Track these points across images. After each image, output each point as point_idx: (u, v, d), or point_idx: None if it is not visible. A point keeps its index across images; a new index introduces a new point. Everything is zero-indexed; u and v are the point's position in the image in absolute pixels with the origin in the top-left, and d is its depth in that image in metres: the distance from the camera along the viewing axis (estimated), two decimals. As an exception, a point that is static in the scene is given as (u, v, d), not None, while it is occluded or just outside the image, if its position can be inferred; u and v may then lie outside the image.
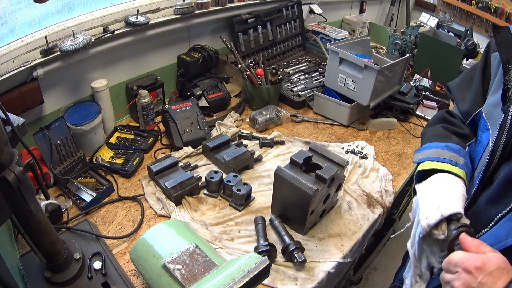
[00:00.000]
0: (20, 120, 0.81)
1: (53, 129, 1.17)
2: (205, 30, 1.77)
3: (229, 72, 1.79)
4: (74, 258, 0.90)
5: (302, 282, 0.95)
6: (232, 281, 0.68)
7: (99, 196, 1.16)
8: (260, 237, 1.02)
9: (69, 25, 1.28)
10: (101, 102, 1.39)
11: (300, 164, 1.03)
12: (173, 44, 1.67)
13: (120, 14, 1.41)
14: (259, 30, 1.87)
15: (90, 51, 1.33)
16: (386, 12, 2.88)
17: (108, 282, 0.89)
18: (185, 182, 1.16)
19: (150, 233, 0.88)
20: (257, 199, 1.19)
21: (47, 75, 1.25)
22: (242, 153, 1.29)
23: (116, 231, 1.08)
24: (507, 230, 0.69)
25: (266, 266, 0.72)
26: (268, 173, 1.29)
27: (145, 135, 1.45)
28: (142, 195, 1.19)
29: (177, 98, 1.66)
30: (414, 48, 1.99)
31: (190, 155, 1.35)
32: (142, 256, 0.85)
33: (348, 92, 1.56)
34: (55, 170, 1.16)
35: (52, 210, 1.03)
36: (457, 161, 0.85)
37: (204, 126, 1.42)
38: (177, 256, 0.80)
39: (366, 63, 1.44)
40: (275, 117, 1.55)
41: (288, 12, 1.99)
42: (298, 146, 1.44)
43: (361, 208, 1.18)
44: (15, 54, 1.16)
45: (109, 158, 1.33)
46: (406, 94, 1.64)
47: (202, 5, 1.60)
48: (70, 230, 1.02)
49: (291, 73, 1.90)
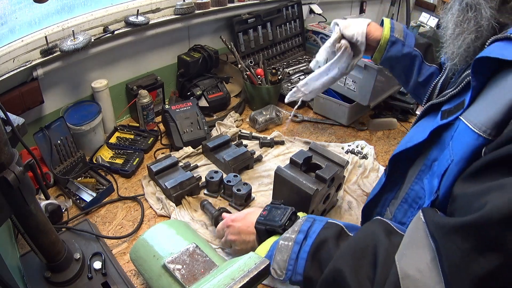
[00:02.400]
0: (20, 120, 0.81)
1: (53, 129, 1.17)
2: (205, 30, 1.77)
3: (229, 72, 1.79)
4: (74, 258, 0.90)
5: (302, 282, 0.95)
6: (232, 281, 0.68)
7: (99, 196, 1.16)
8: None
9: (69, 25, 1.28)
10: (101, 102, 1.39)
11: (300, 164, 1.03)
12: (173, 44, 1.67)
13: (120, 14, 1.42)
14: (259, 30, 1.87)
15: (90, 51, 1.33)
16: (386, 12, 2.88)
17: (108, 282, 0.89)
18: (185, 182, 1.16)
19: (150, 233, 0.88)
20: (257, 199, 1.19)
21: (47, 75, 1.25)
22: (242, 153, 1.29)
23: (116, 231, 1.08)
24: (411, 135, 0.81)
25: (266, 266, 0.72)
26: (268, 173, 1.29)
27: (145, 135, 1.45)
28: (142, 195, 1.19)
29: (177, 98, 1.66)
30: (414, 48, 1.99)
31: (190, 155, 1.35)
32: (142, 256, 0.85)
33: (348, 92, 1.56)
34: (55, 170, 1.16)
35: (52, 210, 1.03)
36: (396, 30, 1.09)
37: (204, 126, 1.42)
38: (177, 256, 0.80)
39: (366, 63, 1.44)
40: (275, 117, 1.55)
41: (288, 12, 1.99)
42: (298, 146, 1.44)
43: (361, 207, 1.18)
44: (15, 54, 1.16)
45: (109, 158, 1.33)
46: (406, 94, 1.64)
47: (202, 5, 1.60)
48: (70, 230, 1.02)
49: (291, 73, 1.90)
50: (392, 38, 1.07)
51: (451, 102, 0.72)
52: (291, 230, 0.77)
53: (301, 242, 0.73)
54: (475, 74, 0.62)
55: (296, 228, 0.76)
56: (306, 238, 0.73)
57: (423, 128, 0.76)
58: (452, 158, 0.62)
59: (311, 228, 0.74)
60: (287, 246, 0.74)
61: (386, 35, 1.07)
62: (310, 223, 0.75)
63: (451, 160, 0.62)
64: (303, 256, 0.71)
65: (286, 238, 0.75)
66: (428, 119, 0.80)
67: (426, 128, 0.74)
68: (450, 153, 0.64)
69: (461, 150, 0.60)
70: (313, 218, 0.77)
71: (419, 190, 0.76)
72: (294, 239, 0.74)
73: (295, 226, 0.77)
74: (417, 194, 0.77)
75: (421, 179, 0.75)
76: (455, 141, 0.64)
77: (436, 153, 0.71)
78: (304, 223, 0.76)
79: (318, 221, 0.76)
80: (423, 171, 0.75)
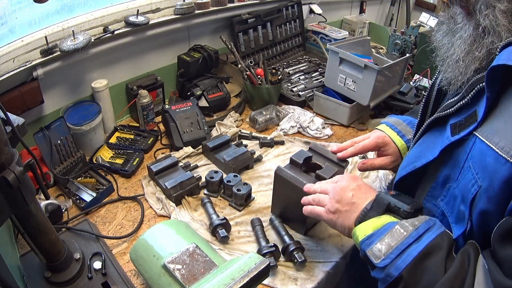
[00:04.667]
0: (20, 120, 0.81)
1: (53, 129, 1.17)
2: (205, 30, 1.77)
3: (229, 72, 1.79)
4: (74, 258, 0.90)
5: (302, 282, 0.95)
6: (232, 281, 0.68)
7: (99, 196, 1.16)
8: (260, 238, 1.02)
9: (69, 25, 1.28)
10: (101, 102, 1.39)
11: (300, 164, 1.03)
12: (173, 44, 1.67)
13: (120, 14, 1.41)
14: (259, 30, 1.87)
15: (90, 51, 1.33)
16: (386, 12, 2.88)
17: (108, 282, 0.89)
18: (185, 182, 1.16)
19: (150, 233, 0.88)
20: (257, 199, 1.19)
21: (47, 75, 1.25)
22: (242, 153, 1.29)
23: (116, 231, 1.08)
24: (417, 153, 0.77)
25: (266, 266, 0.72)
26: (268, 173, 1.29)
27: (145, 135, 1.45)
28: (142, 195, 1.19)
29: (177, 98, 1.66)
30: (414, 48, 1.99)
31: (190, 155, 1.35)
32: (142, 256, 0.85)
33: (348, 92, 1.56)
34: (55, 170, 1.16)
35: (52, 210, 1.03)
36: (405, 134, 1.01)
37: (204, 126, 1.42)
38: (177, 256, 0.80)
39: (366, 63, 1.44)
40: (275, 117, 1.55)
41: (288, 12, 1.99)
42: (298, 146, 1.44)
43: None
44: (15, 54, 1.16)
45: (109, 158, 1.33)
46: (406, 94, 1.64)
47: (202, 5, 1.60)
48: (70, 230, 1.02)
49: (291, 73, 1.90)
50: (408, 143, 1.00)
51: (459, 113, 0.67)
52: (411, 222, 0.69)
53: (415, 238, 0.67)
54: (490, 84, 0.58)
55: (416, 222, 0.69)
56: (421, 237, 0.67)
57: (430, 145, 0.72)
58: (480, 184, 0.58)
59: (429, 230, 0.68)
60: (402, 234, 0.68)
61: (401, 144, 1.01)
62: (430, 225, 0.69)
63: (478, 186, 0.59)
64: (411, 254, 0.65)
65: (404, 226, 0.69)
66: (434, 134, 0.75)
67: (434, 144, 0.70)
68: (475, 177, 0.60)
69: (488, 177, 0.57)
70: (434, 221, 0.70)
71: (432, 208, 0.73)
72: (411, 231, 0.68)
73: (416, 221, 0.70)
74: (430, 212, 0.73)
75: (433, 197, 0.72)
76: (476, 163, 0.60)
77: (448, 170, 0.67)
78: (426, 222, 0.69)
79: (437, 227, 0.69)
80: (435, 188, 0.71)
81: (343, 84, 1.55)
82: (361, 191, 0.81)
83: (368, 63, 1.44)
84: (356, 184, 0.83)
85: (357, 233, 0.74)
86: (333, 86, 1.61)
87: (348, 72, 1.52)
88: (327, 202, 0.84)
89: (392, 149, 1.01)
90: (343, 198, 0.81)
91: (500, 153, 0.55)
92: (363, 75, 1.46)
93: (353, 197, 0.80)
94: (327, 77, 1.64)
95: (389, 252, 0.67)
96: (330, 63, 1.59)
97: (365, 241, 0.71)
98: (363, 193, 0.81)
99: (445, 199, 0.69)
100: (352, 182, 0.84)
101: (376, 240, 0.69)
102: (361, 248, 0.73)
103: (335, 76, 1.57)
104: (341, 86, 1.56)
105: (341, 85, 1.57)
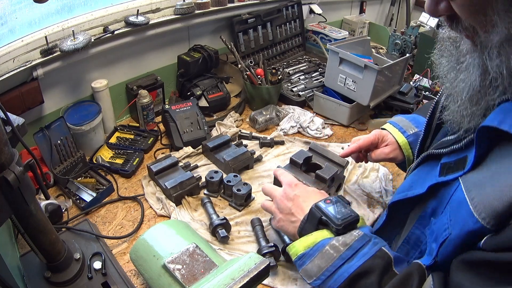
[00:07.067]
0: (20, 120, 0.81)
1: (53, 129, 1.17)
2: (205, 30, 1.77)
3: (229, 72, 1.79)
4: (74, 258, 0.90)
5: (302, 282, 0.95)
6: (232, 281, 0.68)
7: (99, 196, 1.16)
8: (260, 238, 1.02)
9: (69, 25, 1.28)
10: (101, 102, 1.39)
11: (300, 164, 1.03)
12: (173, 44, 1.67)
13: (120, 14, 1.41)
14: (259, 30, 1.87)
15: (90, 51, 1.33)
16: (386, 12, 2.88)
17: (108, 282, 0.89)
18: (185, 182, 1.16)
19: (150, 233, 0.88)
20: (257, 199, 1.19)
21: (47, 75, 1.25)
22: (242, 153, 1.29)
23: (116, 231, 1.08)
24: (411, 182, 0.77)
25: (266, 266, 0.72)
26: (268, 173, 1.29)
27: (145, 135, 1.45)
28: (142, 195, 1.19)
29: (177, 98, 1.66)
30: (414, 48, 1.99)
31: (190, 155, 1.35)
32: (142, 256, 0.85)
33: (348, 92, 1.56)
34: (55, 170, 1.16)
35: (52, 210, 1.03)
36: (406, 130, 1.04)
37: (204, 126, 1.42)
38: (177, 256, 0.80)
39: (366, 63, 1.44)
40: (275, 117, 1.55)
41: (288, 12, 1.99)
42: (298, 146, 1.44)
43: (361, 208, 1.18)
44: (15, 54, 1.16)
45: (109, 158, 1.33)
46: (406, 94, 1.64)
47: (202, 5, 1.60)
48: (70, 230, 1.02)
49: (291, 73, 1.90)
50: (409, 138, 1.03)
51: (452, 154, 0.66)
52: (343, 241, 0.71)
53: (346, 259, 0.68)
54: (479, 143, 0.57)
55: (348, 241, 0.70)
56: (353, 257, 0.68)
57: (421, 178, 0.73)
58: (450, 232, 0.59)
59: (362, 248, 0.69)
60: (331, 256, 0.69)
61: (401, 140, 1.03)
62: (363, 243, 0.70)
63: (448, 233, 0.59)
64: (342, 275, 0.67)
65: (334, 247, 0.70)
66: (426, 168, 0.75)
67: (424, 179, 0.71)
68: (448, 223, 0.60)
69: (458, 227, 0.57)
70: (369, 237, 0.71)
71: (420, 235, 0.73)
72: (341, 252, 0.69)
73: (348, 239, 0.71)
74: (418, 238, 0.74)
75: (421, 224, 0.73)
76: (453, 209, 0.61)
77: (434, 204, 0.68)
78: (358, 240, 0.71)
79: (372, 244, 0.70)
80: (424, 217, 0.72)
81: (343, 84, 1.55)
82: (299, 200, 0.85)
83: (368, 63, 1.44)
84: (294, 193, 0.87)
85: (291, 251, 0.78)
86: (333, 86, 1.61)
87: (348, 72, 1.52)
88: (272, 209, 0.91)
89: (390, 140, 1.06)
90: (283, 208, 0.87)
91: (473, 211, 0.54)
92: (363, 75, 1.46)
93: (292, 207, 0.85)
94: (327, 77, 1.64)
95: (320, 274, 0.70)
96: (330, 63, 1.59)
97: (297, 261, 0.76)
98: (302, 202, 0.85)
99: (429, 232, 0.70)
100: (291, 191, 0.88)
101: (307, 261, 0.73)
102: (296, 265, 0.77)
103: (335, 76, 1.57)
104: (341, 86, 1.56)
105: (341, 85, 1.57)
